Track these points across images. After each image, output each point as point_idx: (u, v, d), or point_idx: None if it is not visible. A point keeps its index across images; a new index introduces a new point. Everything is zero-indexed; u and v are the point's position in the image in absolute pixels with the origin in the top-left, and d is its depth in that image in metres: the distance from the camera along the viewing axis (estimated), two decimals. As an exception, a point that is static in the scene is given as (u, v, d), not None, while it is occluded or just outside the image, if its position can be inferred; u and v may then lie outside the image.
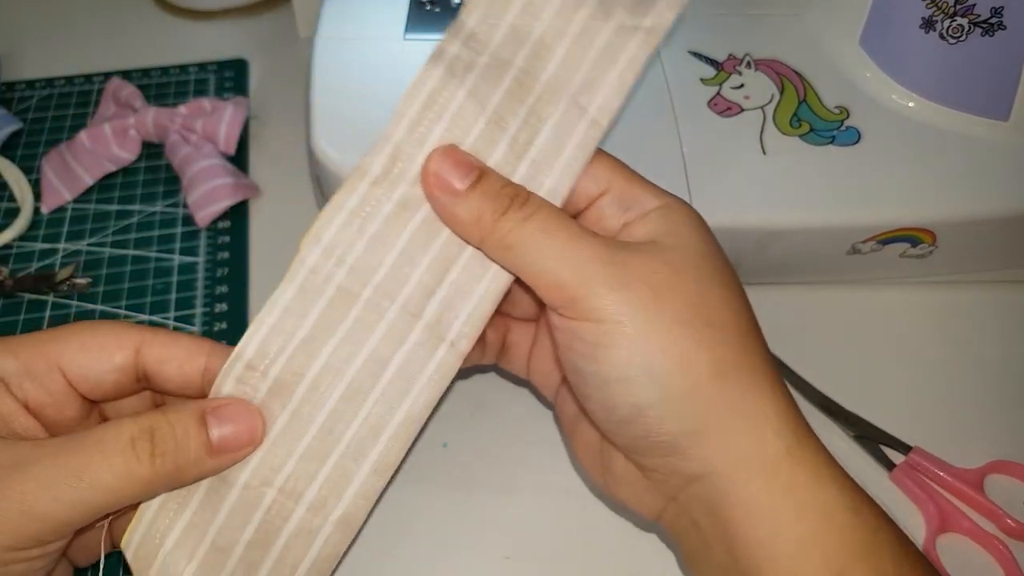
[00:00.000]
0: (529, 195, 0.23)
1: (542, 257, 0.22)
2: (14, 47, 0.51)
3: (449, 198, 0.23)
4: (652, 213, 0.24)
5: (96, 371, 0.24)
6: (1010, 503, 0.32)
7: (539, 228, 0.23)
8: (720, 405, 0.22)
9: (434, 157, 0.24)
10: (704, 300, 0.23)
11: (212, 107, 0.44)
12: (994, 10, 0.33)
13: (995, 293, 0.39)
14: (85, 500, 0.21)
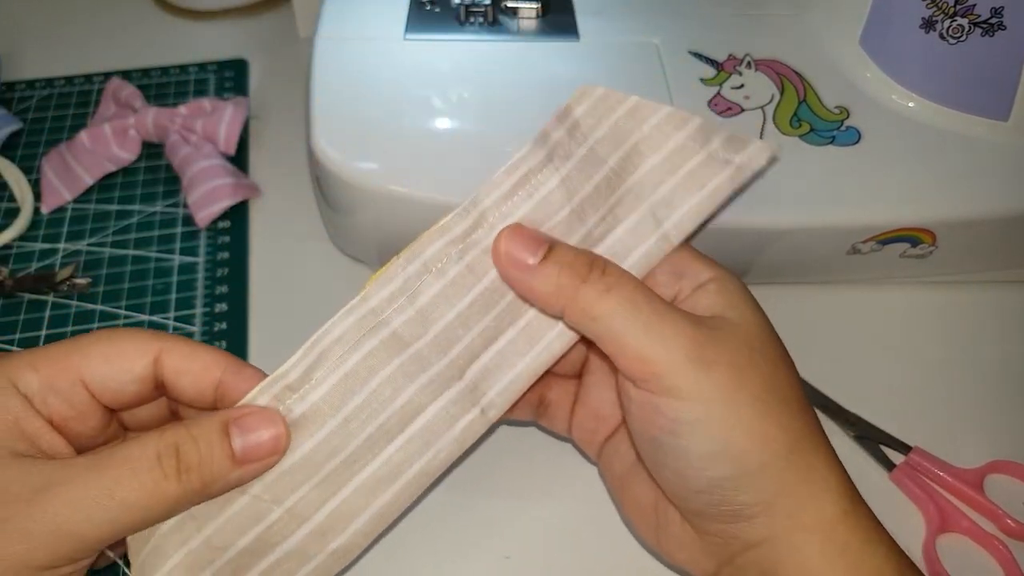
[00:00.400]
0: (606, 263, 0.24)
1: (628, 330, 0.23)
2: (14, 47, 0.51)
3: (524, 274, 0.24)
4: (710, 285, 0.25)
5: (118, 381, 0.24)
6: (1010, 503, 0.32)
7: (625, 299, 0.23)
8: (791, 477, 0.23)
9: (504, 235, 0.25)
10: (776, 378, 0.24)
11: (212, 107, 0.44)
12: (994, 10, 0.33)
13: (995, 293, 0.39)
14: (116, 519, 0.21)
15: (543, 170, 0.26)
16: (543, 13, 0.40)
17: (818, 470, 0.23)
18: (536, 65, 0.37)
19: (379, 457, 0.25)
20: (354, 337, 0.25)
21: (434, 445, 0.25)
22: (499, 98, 0.36)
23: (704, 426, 0.23)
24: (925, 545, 0.31)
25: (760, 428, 0.23)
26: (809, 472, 0.23)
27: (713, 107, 0.36)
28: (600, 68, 0.37)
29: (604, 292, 0.23)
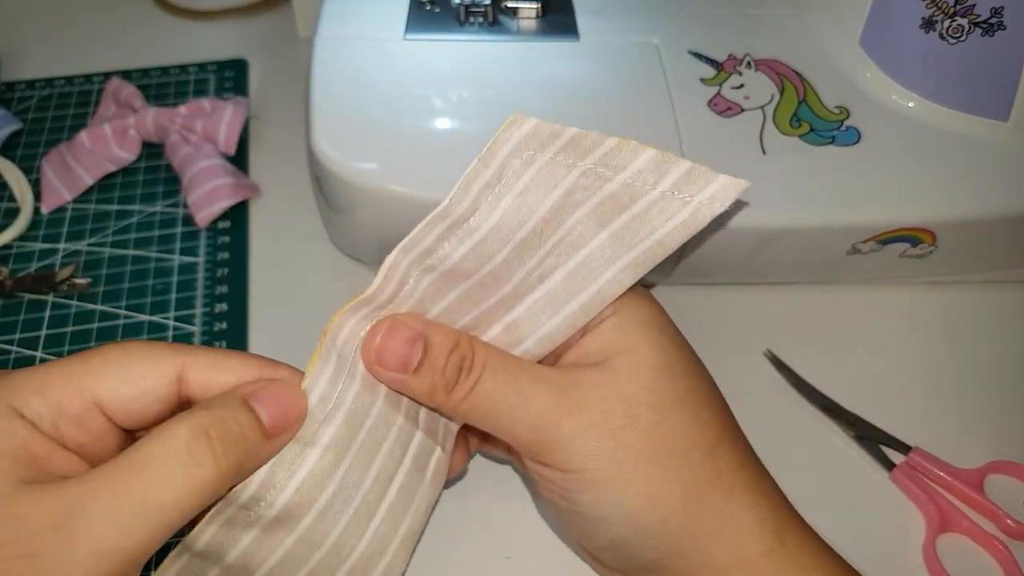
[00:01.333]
0: (474, 359, 0.23)
1: (497, 421, 0.23)
2: (14, 47, 0.51)
3: (401, 378, 0.23)
4: (605, 325, 0.24)
5: (140, 404, 0.22)
6: (1010, 503, 0.32)
7: (487, 395, 0.23)
8: (695, 529, 0.23)
9: (374, 343, 0.23)
10: (664, 428, 0.23)
11: (212, 107, 0.44)
12: (994, 10, 0.33)
13: (995, 293, 0.39)
14: (154, 524, 0.19)
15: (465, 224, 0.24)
16: (543, 13, 0.40)
17: (729, 514, 0.23)
18: (536, 65, 0.37)
19: (364, 538, 0.24)
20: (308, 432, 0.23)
21: (412, 502, 0.25)
22: (499, 98, 0.36)
23: (592, 494, 0.23)
24: (925, 545, 0.31)
25: (648, 487, 0.22)
26: (717, 518, 0.23)
27: (713, 107, 0.36)
28: (600, 68, 0.37)
29: (468, 392, 0.23)
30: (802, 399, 0.35)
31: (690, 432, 0.23)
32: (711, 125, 0.35)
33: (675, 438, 0.23)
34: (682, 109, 0.35)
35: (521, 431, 0.23)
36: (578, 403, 0.23)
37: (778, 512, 0.24)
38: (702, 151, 0.34)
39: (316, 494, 0.23)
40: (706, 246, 0.34)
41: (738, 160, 0.34)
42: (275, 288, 0.39)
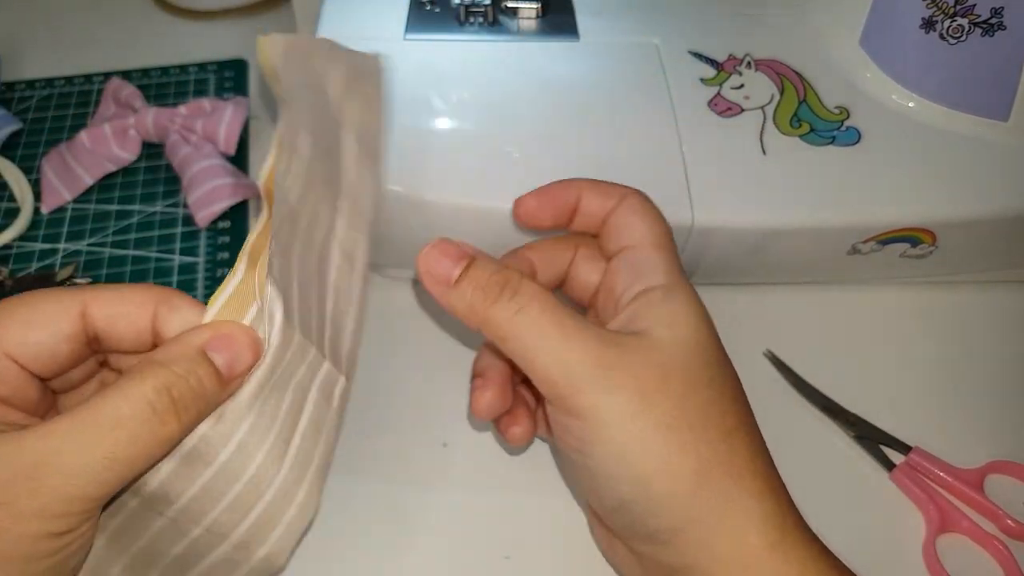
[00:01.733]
0: (520, 284, 0.24)
1: (534, 354, 0.23)
2: (14, 47, 0.51)
3: (443, 289, 0.24)
4: (653, 294, 0.25)
5: (47, 346, 0.22)
6: (1010, 503, 0.32)
7: (531, 323, 0.23)
8: (701, 506, 0.23)
9: (425, 250, 0.25)
10: (690, 402, 0.23)
11: (212, 107, 0.44)
12: (994, 10, 0.33)
13: (995, 293, 0.39)
14: (122, 474, 0.20)
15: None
16: (543, 13, 0.40)
17: (736, 499, 0.23)
18: (536, 65, 0.37)
19: (282, 470, 0.24)
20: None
21: (322, 431, 0.25)
22: (499, 98, 0.36)
23: (608, 449, 0.23)
24: (925, 545, 0.31)
25: (665, 454, 0.23)
26: (724, 501, 0.23)
27: (713, 107, 0.36)
28: (600, 68, 0.37)
29: (512, 315, 0.23)
30: (802, 399, 0.35)
31: (712, 413, 0.23)
32: (711, 125, 0.35)
33: (698, 415, 0.23)
34: (682, 109, 0.35)
35: (556, 372, 0.23)
36: (617, 360, 0.23)
37: (784, 509, 0.24)
38: (702, 151, 0.34)
39: (234, 428, 0.23)
40: (707, 246, 0.34)
41: (738, 160, 0.34)
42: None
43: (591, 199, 0.28)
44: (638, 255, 0.26)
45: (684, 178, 0.34)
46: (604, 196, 0.28)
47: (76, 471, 0.20)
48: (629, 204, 0.27)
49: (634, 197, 0.27)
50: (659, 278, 0.25)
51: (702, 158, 0.34)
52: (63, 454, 0.20)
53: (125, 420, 0.20)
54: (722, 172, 0.34)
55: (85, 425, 0.20)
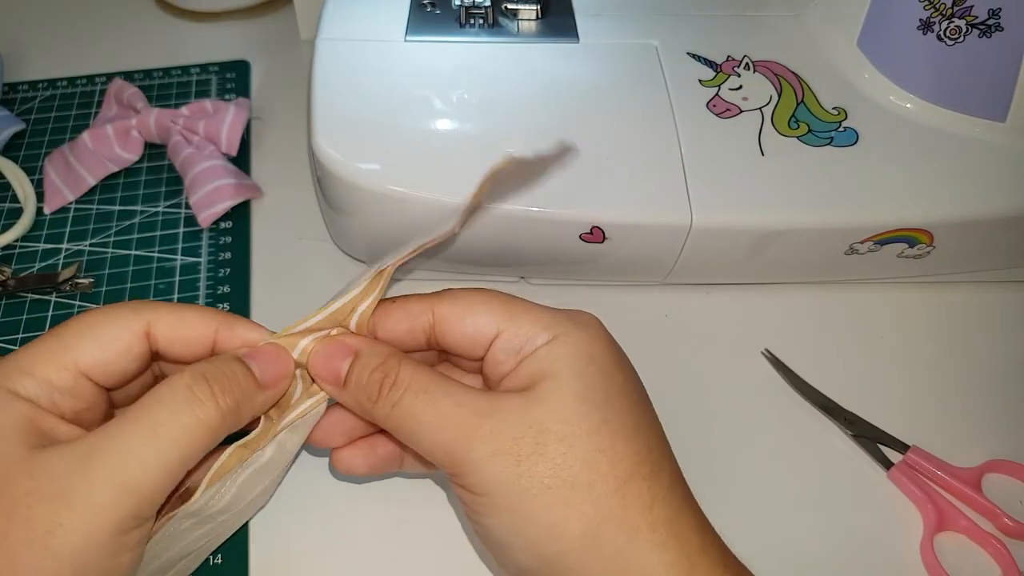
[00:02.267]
0: (398, 371, 0.24)
1: (417, 440, 0.24)
2: (17, 48, 0.51)
3: (335, 391, 0.26)
4: (539, 352, 0.24)
5: (118, 364, 0.24)
6: (1008, 502, 0.32)
7: (407, 413, 0.24)
8: (596, 564, 0.22)
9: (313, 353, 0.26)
10: (570, 459, 0.22)
11: (214, 108, 0.44)
12: (991, 12, 0.33)
13: (992, 293, 0.39)
14: (167, 459, 0.21)
15: None
16: (543, 15, 0.40)
17: (633, 556, 0.22)
18: (536, 67, 0.38)
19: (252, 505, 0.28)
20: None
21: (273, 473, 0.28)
22: (499, 99, 0.36)
23: (497, 519, 0.23)
24: (923, 544, 0.31)
25: (548, 519, 0.22)
26: (619, 559, 0.22)
27: (712, 108, 0.36)
28: (599, 70, 0.38)
29: (391, 409, 0.24)
30: (800, 398, 0.35)
31: (599, 465, 0.22)
32: (710, 126, 0.35)
33: (580, 470, 0.22)
34: (681, 110, 0.36)
35: (437, 451, 0.23)
36: (492, 428, 0.23)
37: (692, 555, 0.22)
38: (701, 152, 0.34)
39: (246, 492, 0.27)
40: (705, 246, 0.34)
41: (736, 161, 0.34)
42: (277, 288, 0.39)
43: (390, 327, 0.27)
44: (507, 336, 0.25)
45: (683, 179, 0.34)
46: (407, 317, 0.26)
47: (122, 454, 0.21)
48: (448, 312, 0.26)
49: (445, 302, 0.26)
50: (540, 337, 0.24)
51: (701, 159, 0.34)
52: (109, 440, 0.21)
53: (165, 400, 0.22)
54: (720, 173, 0.34)
55: (130, 414, 0.22)
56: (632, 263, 0.36)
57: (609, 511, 0.22)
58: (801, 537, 0.32)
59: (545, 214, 0.33)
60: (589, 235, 0.33)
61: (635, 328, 0.37)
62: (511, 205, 0.33)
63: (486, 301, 0.25)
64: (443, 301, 0.26)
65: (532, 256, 0.36)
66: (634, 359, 0.26)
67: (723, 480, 0.33)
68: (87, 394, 0.23)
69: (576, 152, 0.26)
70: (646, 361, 0.36)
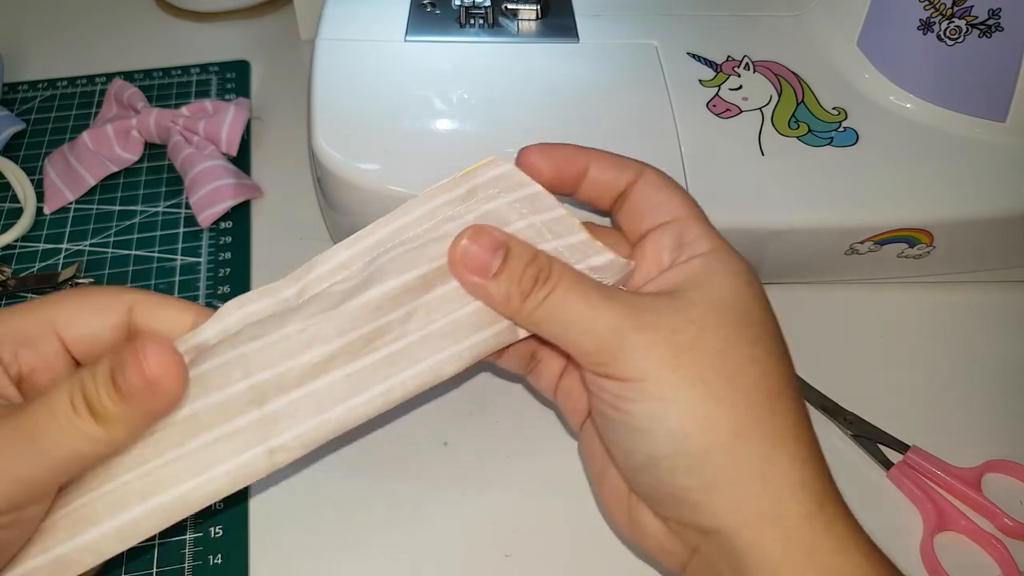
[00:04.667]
0: (551, 269, 0.24)
1: (564, 331, 0.24)
2: (17, 48, 0.51)
3: (481, 281, 0.25)
4: (696, 260, 0.25)
5: (93, 331, 0.24)
6: (1008, 502, 0.32)
7: (558, 304, 0.24)
8: (736, 466, 0.22)
9: (462, 241, 0.25)
10: (727, 360, 0.23)
11: (214, 108, 0.44)
12: (992, 12, 0.33)
13: (992, 293, 0.39)
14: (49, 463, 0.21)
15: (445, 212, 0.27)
16: (543, 15, 0.40)
17: (775, 464, 0.22)
18: (536, 67, 0.38)
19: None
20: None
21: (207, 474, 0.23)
22: (499, 99, 0.36)
23: (646, 404, 0.22)
24: (923, 544, 0.31)
25: (700, 410, 0.22)
26: (762, 463, 0.22)
27: (712, 108, 0.36)
28: (599, 70, 0.38)
29: (542, 301, 0.24)
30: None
31: (753, 373, 0.23)
32: (710, 126, 0.35)
33: (737, 373, 0.23)
34: (681, 110, 0.36)
35: (587, 342, 0.23)
36: (648, 321, 0.23)
37: (824, 480, 0.23)
38: (701, 152, 0.34)
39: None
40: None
41: (736, 161, 0.34)
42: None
43: (604, 169, 0.27)
44: (679, 228, 0.26)
45: (683, 179, 0.34)
46: (619, 169, 0.27)
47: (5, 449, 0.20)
48: (652, 179, 0.27)
49: (654, 172, 0.27)
50: (702, 245, 0.25)
51: (701, 159, 0.34)
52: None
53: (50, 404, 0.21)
54: (721, 173, 0.34)
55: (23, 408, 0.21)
56: (632, 263, 0.36)
57: (761, 416, 0.22)
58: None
59: (545, 214, 0.33)
60: (589, 235, 0.34)
61: (635, 328, 0.37)
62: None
63: (683, 194, 0.26)
64: (651, 168, 0.27)
65: (532, 256, 0.36)
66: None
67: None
68: (49, 352, 0.24)
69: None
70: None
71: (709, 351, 0.23)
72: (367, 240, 0.27)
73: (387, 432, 0.34)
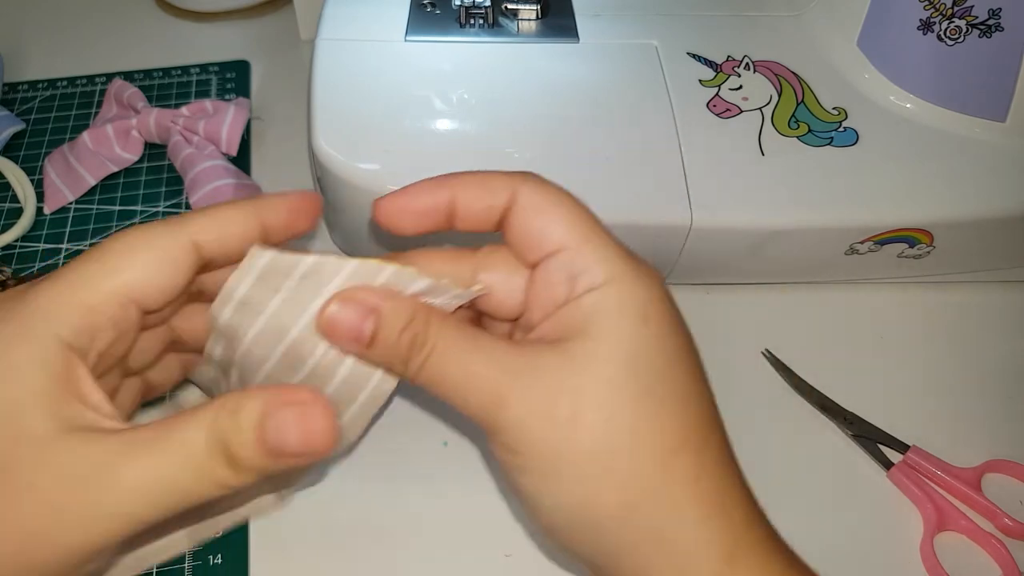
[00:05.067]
0: (427, 331, 0.22)
1: (450, 394, 0.22)
2: (17, 48, 0.51)
3: (358, 349, 0.23)
4: (587, 298, 0.22)
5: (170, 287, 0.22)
6: (1008, 502, 0.32)
7: (437, 369, 0.22)
8: (632, 536, 0.21)
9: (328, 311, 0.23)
10: (611, 426, 0.21)
11: (214, 108, 0.44)
12: (992, 12, 0.33)
13: (992, 293, 0.39)
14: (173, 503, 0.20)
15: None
16: (543, 15, 0.40)
17: (674, 529, 0.21)
18: (536, 67, 0.38)
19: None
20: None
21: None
22: (499, 99, 0.36)
23: (530, 480, 0.22)
24: (923, 544, 0.31)
25: (584, 488, 0.21)
26: (661, 531, 0.21)
27: (712, 108, 0.36)
28: (599, 70, 0.38)
29: (420, 370, 0.22)
30: (800, 399, 0.35)
31: (642, 435, 0.21)
32: (710, 126, 0.35)
33: (622, 439, 0.21)
34: (681, 110, 0.36)
35: (471, 410, 0.22)
36: (527, 387, 0.21)
37: (736, 531, 0.21)
38: (701, 152, 0.34)
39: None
40: (705, 246, 0.34)
41: (736, 161, 0.34)
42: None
43: (471, 201, 0.24)
44: (567, 258, 0.22)
45: (683, 179, 0.34)
46: (488, 193, 0.24)
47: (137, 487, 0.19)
48: (528, 203, 0.23)
49: (530, 190, 0.23)
50: (596, 276, 0.22)
51: (701, 159, 0.34)
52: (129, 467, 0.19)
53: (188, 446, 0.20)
54: (721, 173, 0.34)
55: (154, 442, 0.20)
56: (632, 263, 0.36)
57: (651, 483, 0.21)
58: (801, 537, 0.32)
59: (545, 214, 0.33)
60: (589, 235, 0.34)
61: (635, 328, 0.37)
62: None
63: (570, 211, 0.23)
64: (527, 186, 0.23)
65: (532, 256, 0.36)
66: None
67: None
68: (128, 324, 0.21)
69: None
70: (646, 361, 0.36)
71: (589, 422, 0.21)
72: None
73: (387, 432, 0.34)
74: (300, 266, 0.22)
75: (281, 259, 0.22)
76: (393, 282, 0.23)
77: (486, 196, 0.24)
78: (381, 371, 0.24)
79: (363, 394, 0.24)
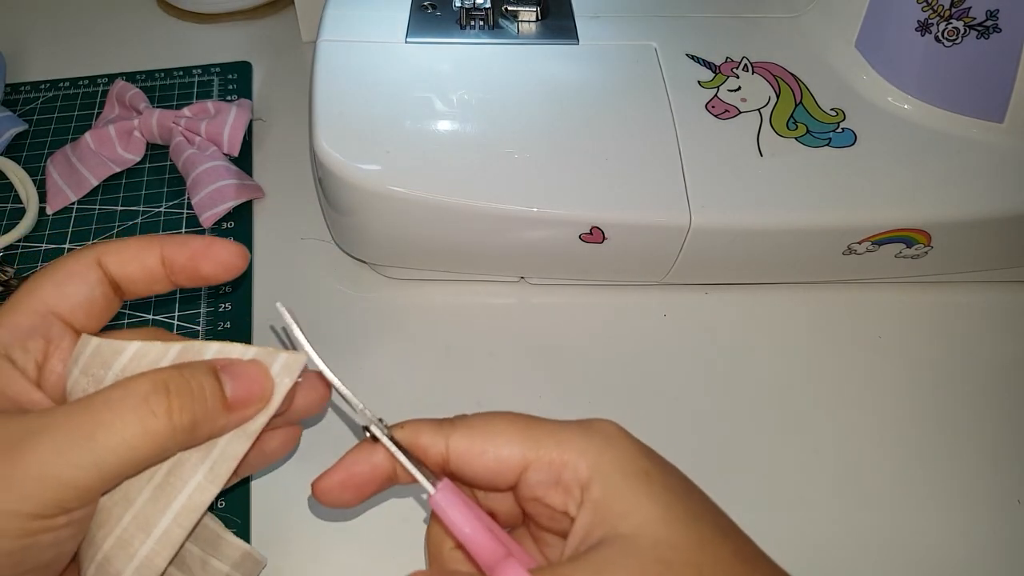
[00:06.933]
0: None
1: None
2: (19, 49, 0.51)
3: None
4: (592, 492, 0.21)
5: (82, 294, 0.24)
6: (1004, 501, 0.32)
7: None
8: None
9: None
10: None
11: (216, 109, 0.44)
12: (989, 13, 0.33)
13: (990, 293, 0.39)
14: (102, 462, 0.20)
15: None
16: (542, 17, 0.40)
17: None
18: (536, 68, 0.38)
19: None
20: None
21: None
22: (499, 100, 0.36)
23: None
24: (920, 542, 0.31)
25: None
26: None
27: (711, 109, 0.36)
28: (599, 71, 0.38)
29: None
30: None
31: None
32: (709, 127, 0.36)
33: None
34: (680, 111, 0.36)
35: None
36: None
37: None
38: (699, 153, 0.35)
39: None
40: (704, 246, 0.34)
41: (735, 162, 0.35)
42: (278, 288, 0.39)
43: (406, 476, 0.23)
44: (542, 463, 0.22)
45: (682, 179, 0.34)
46: (427, 457, 0.23)
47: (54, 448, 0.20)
48: (464, 444, 0.23)
49: (459, 435, 0.23)
50: (579, 464, 0.21)
51: (700, 160, 0.34)
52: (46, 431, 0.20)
53: (114, 404, 0.20)
54: (719, 173, 0.34)
55: (79, 405, 0.21)
56: (631, 263, 0.36)
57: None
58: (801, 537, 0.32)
59: (545, 214, 0.33)
60: (589, 235, 0.34)
61: (634, 328, 0.37)
62: (511, 205, 0.33)
63: (505, 429, 0.23)
64: (457, 431, 0.23)
65: (532, 256, 0.36)
66: (633, 359, 0.26)
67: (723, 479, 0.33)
68: (56, 333, 0.23)
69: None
70: (645, 361, 0.36)
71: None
72: None
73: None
74: (124, 354, 0.23)
75: (105, 346, 0.23)
76: (183, 356, 0.23)
77: (427, 458, 0.23)
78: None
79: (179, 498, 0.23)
